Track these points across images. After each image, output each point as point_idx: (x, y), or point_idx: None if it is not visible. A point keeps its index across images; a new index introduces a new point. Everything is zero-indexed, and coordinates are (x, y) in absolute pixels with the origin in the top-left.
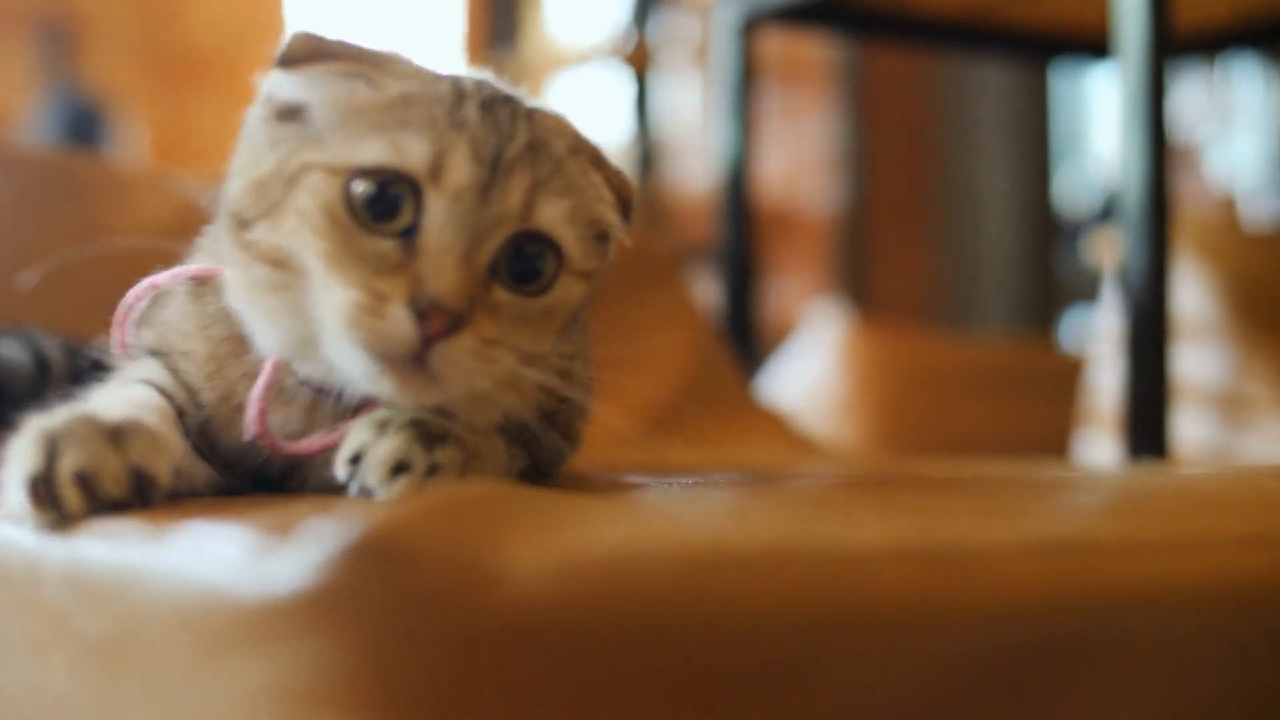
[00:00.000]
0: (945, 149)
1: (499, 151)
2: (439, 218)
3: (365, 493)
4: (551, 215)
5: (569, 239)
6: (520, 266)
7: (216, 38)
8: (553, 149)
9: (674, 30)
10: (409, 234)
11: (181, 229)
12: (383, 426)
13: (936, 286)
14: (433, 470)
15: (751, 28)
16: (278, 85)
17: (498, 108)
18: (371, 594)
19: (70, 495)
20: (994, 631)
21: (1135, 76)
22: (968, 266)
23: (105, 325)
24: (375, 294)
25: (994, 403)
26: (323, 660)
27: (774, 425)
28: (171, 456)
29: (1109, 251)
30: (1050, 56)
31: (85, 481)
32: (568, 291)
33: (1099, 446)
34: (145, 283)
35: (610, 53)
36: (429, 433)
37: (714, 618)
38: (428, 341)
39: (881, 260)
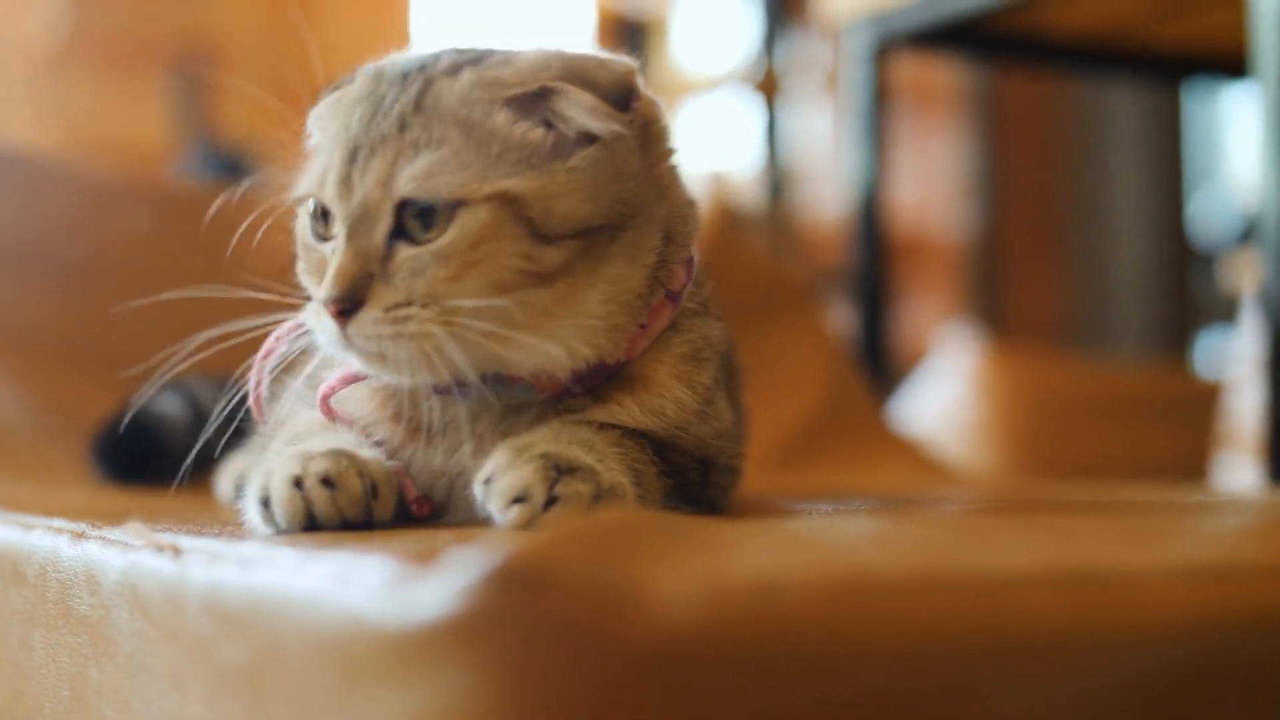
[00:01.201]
0: (1078, 172)
1: (359, 141)
2: (336, 222)
3: (489, 515)
4: (411, 177)
5: (440, 186)
6: (424, 221)
7: (345, 70)
8: (443, 105)
9: (803, 56)
10: None
11: None
12: (519, 453)
13: (1070, 310)
14: (551, 503)
15: (884, 53)
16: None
17: (393, 91)
18: (515, 621)
19: (319, 495)
20: (1142, 656)
21: (1275, 95)
22: (1101, 290)
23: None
24: (316, 303)
25: (1129, 427)
26: (466, 688)
27: (908, 451)
28: (394, 485)
29: (1248, 275)
30: (1184, 77)
31: (330, 484)
32: (469, 224)
33: (1238, 471)
34: (287, 325)
35: (739, 79)
36: (558, 465)
37: (861, 644)
38: (343, 324)
39: (1015, 284)
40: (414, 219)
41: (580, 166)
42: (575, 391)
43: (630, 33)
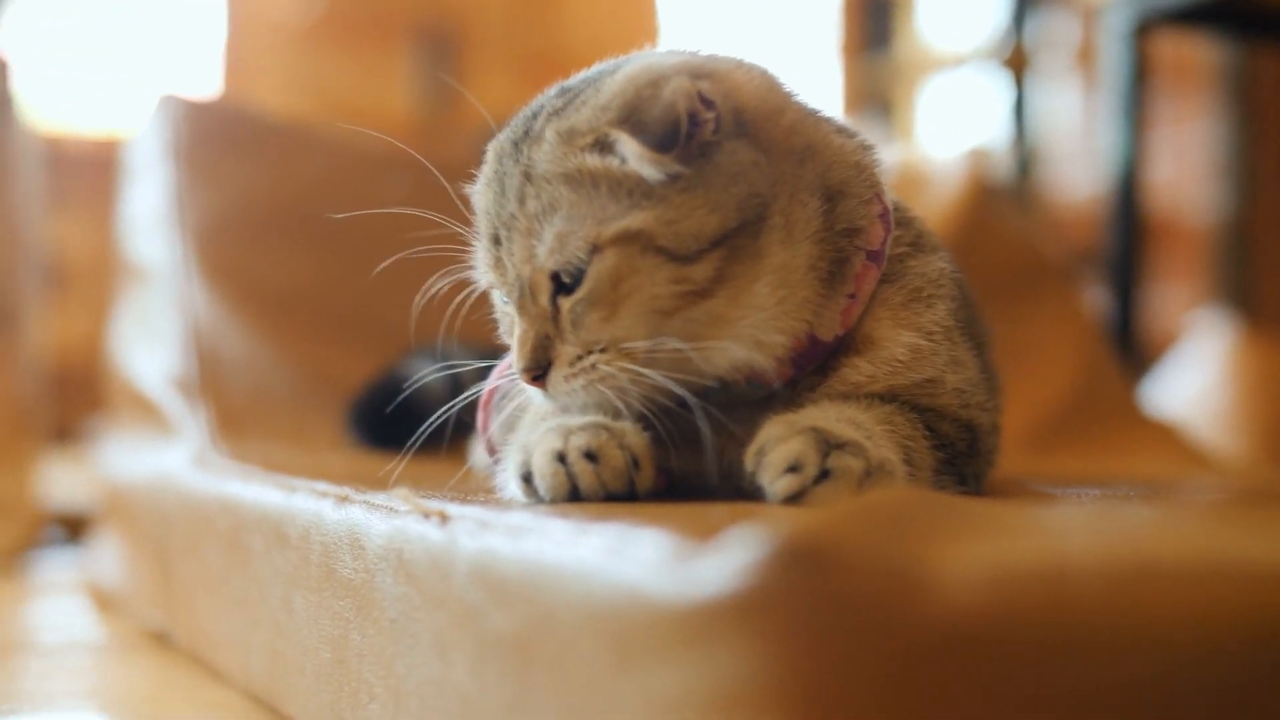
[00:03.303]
0: None
1: (496, 227)
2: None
3: (759, 487)
4: (545, 252)
5: (571, 249)
6: (571, 275)
7: (590, 40)
8: (542, 170)
9: (1053, 32)
10: None
11: None
12: (790, 425)
13: None
14: (825, 474)
15: (1144, 30)
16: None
17: (505, 165)
18: (799, 600)
19: (582, 469)
20: None
21: None
22: None
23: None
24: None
25: None
26: (746, 666)
27: (1164, 436)
28: (653, 457)
29: None
30: None
31: (593, 458)
32: (601, 267)
33: None
34: (506, 360)
35: (987, 56)
36: (828, 440)
37: (1147, 633)
38: (542, 386)
39: (1269, 269)
40: (566, 274)
41: (688, 186)
42: (800, 375)
43: (876, 9)
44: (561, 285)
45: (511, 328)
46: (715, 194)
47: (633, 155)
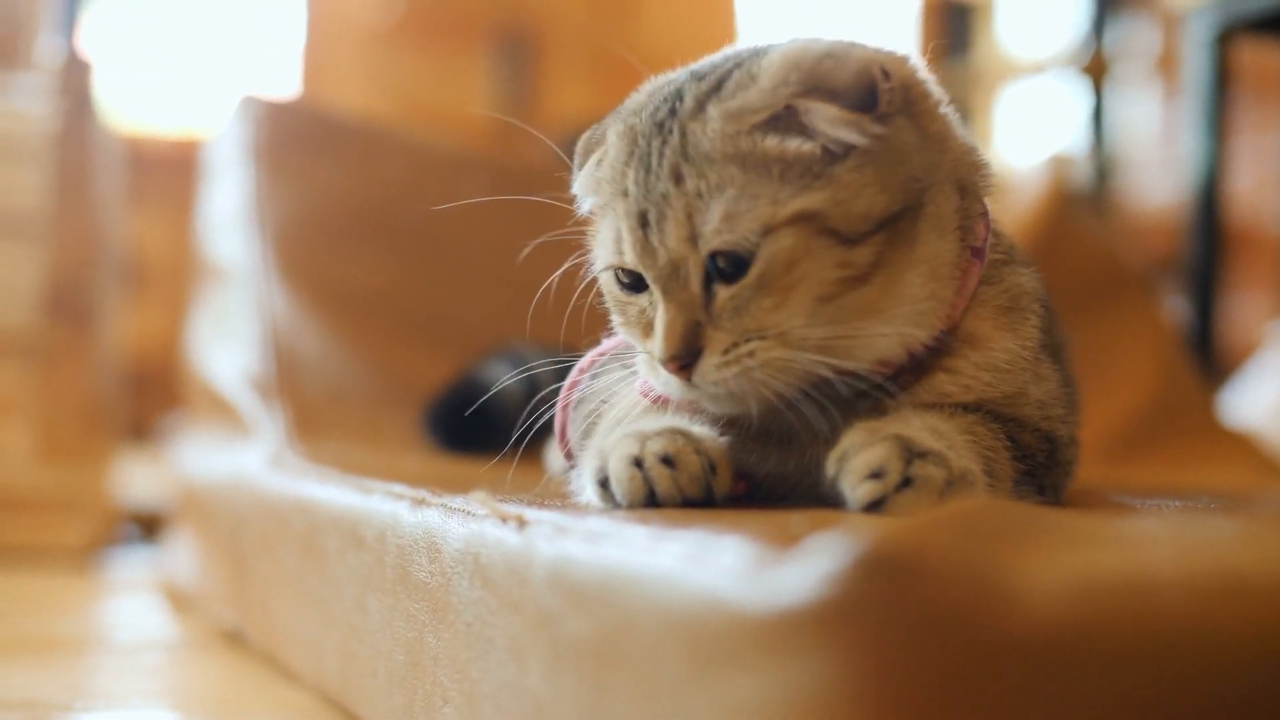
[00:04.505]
0: None
1: (646, 206)
2: (648, 281)
3: (840, 491)
4: (712, 230)
5: (742, 229)
6: (733, 259)
7: (668, 44)
8: (703, 150)
9: (1132, 40)
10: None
11: None
12: (873, 432)
13: None
14: (907, 482)
15: (1226, 38)
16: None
17: (653, 145)
18: (882, 609)
19: (659, 474)
20: None
21: None
22: None
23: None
24: (648, 356)
25: None
26: (827, 675)
27: (1243, 446)
28: (729, 462)
29: None
30: None
31: (670, 463)
32: (775, 248)
33: None
34: (590, 354)
35: (1065, 63)
36: (911, 448)
37: (1229, 646)
38: (687, 376)
39: None
40: (723, 258)
41: (861, 164)
42: (907, 368)
43: (955, 16)
44: (717, 271)
45: (637, 317)
46: (884, 173)
47: (829, 120)
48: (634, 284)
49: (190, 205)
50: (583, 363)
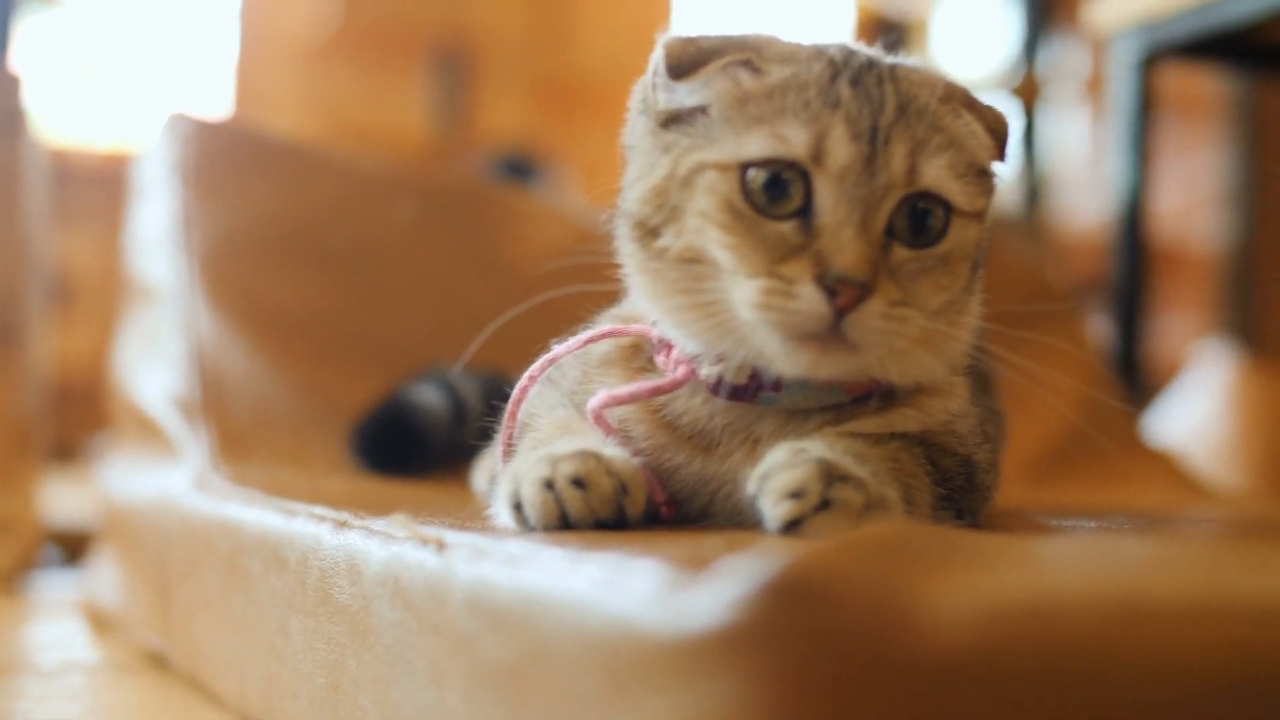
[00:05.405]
0: None
1: (874, 122)
2: (830, 197)
3: (760, 509)
4: (934, 173)
5: (953, 189)
6: (914, 223)
7: (606, 64)
8: (922, 104)
9: (1063, 62)
10: (803, 214)
11: (579, 252)
12: (797, 453)
13: None
14: (825, 505)
15: (1152, 61)
16: (666, 94)
17: (866, 77)
18: (789, 632)
19: (571, 496)
20: None
21: None
22: None
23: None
24: (783, 278)
25: None
26: (735, 698)
27: (1164, 466)
28: (643, 484)
29: None
30: None
31: (581, 485)
32: (961, 236)
33: None
34: (542, 360)
35: (997, 84)
36: (832, 471)
37: (1136, 670)
38: (840, 313)
39: (1273, 300)
40: (905, 218)
41: (990, 199)
42: (864, 398)
43: (890, 33)
44: (896, 226)
45: (770, 241)
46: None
47: (990, 150)
48: (774, 199)
49: (119, 222)
50: (533, 369)
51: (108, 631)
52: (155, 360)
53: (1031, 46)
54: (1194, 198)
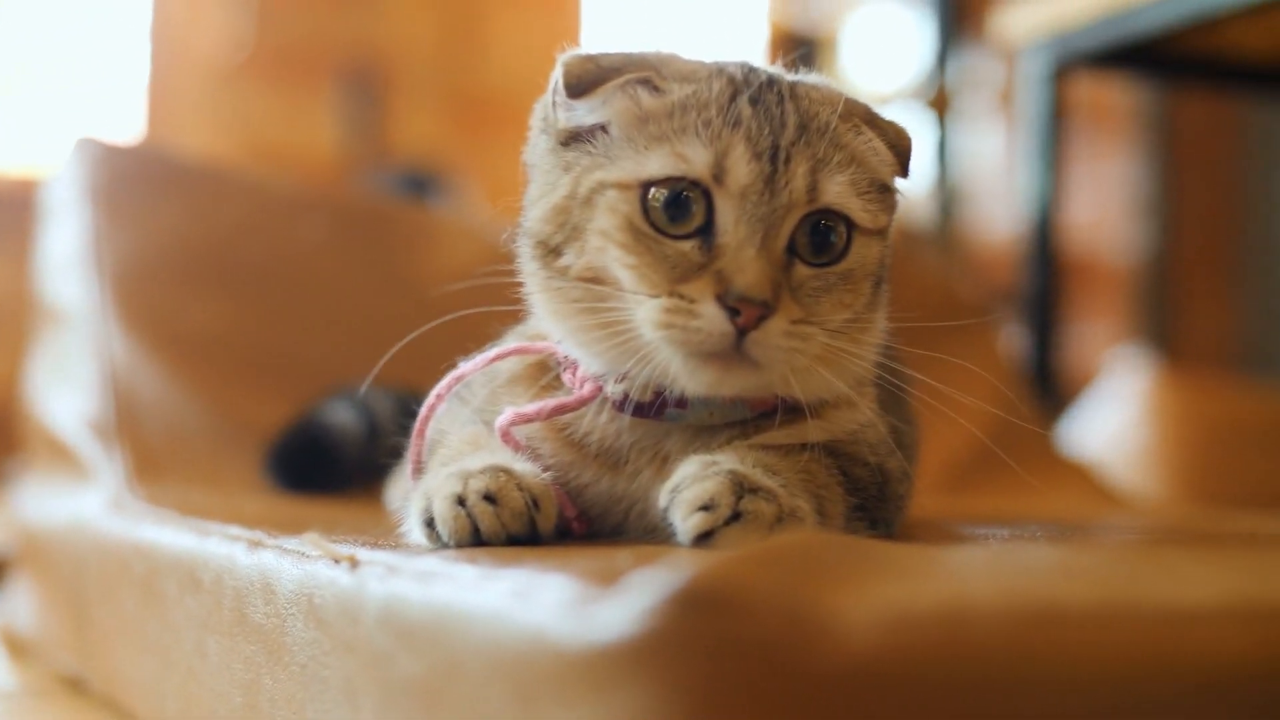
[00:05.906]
0: (1253, 195)
1: (775, 141)
2: (731, 217)
3: (671, 522)
4: (835, 191)
5: (854, 207)
6: (815, 241)
7: (517, 80)
8: (822, 122)
9: (976, 74)
10: (704, 234)
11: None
12: (707, 466)
13: (1243, 336)
14: (736, 516)
15: (1062, 73)
16: (565, 112)
17: (766, 95)
18: (697, 643)
19: (482, 511)
20: None
21: None
22: (1276, 315)
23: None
24: (685, 297)
25: None
26: (645, 709)
27: (1078, 475)
28: (553, 498)
29: None
30: None
31: (492, 500)
32: (863, 253)
33: None
34: (449, 378)
35: (910, 96)
36: (743, 483)
37: (1046, 676)
38: (742, 332)
39: (1187, 309)
40: (807, 236)
41: (891, 214)
42: (769, 415)
43: (801, 48)
44: (796, 245)
45: (670, 260)
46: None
47: (891, 166)
48: (675, 219)
49: (29, 246)
50: (440, 387)
51: (24, 656)
52: (67, 383)
53: (943, 58)
54: (1108, 207)
